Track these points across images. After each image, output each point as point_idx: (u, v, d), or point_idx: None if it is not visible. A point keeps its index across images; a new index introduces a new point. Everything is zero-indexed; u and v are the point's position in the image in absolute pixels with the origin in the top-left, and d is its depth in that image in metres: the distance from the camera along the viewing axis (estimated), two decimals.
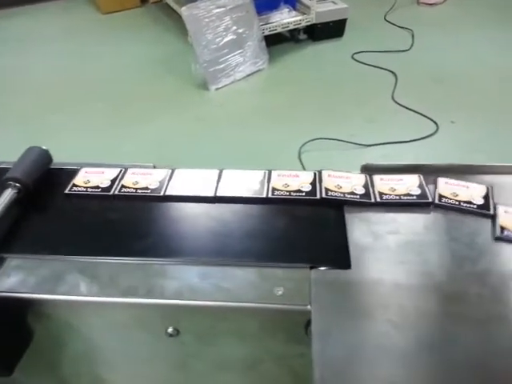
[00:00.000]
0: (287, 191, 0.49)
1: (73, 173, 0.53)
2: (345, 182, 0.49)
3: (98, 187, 0.50)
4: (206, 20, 2.10)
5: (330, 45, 2.42)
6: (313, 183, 0.50)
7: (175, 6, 2.53)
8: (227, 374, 0.45)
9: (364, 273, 0.40)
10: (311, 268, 0.40)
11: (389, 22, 2.56)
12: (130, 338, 0.42)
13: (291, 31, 2.43)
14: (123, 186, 0.50)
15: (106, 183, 0.51)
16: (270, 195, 0.49)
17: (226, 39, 2.16)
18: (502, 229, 0.42)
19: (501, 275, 0.38)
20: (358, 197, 0.47)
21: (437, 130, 1.79)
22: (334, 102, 2.03)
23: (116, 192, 0.50)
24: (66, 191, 0.50)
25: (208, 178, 0.52)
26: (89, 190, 0.50)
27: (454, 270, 0.39)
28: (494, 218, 0.44)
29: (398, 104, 1.94)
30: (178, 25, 2.11)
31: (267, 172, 0.53)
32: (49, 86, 2.23)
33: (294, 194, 0.49)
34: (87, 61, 2.43)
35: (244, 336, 0.41)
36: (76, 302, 0.38)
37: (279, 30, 2.31)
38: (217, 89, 2.17)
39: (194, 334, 0.41)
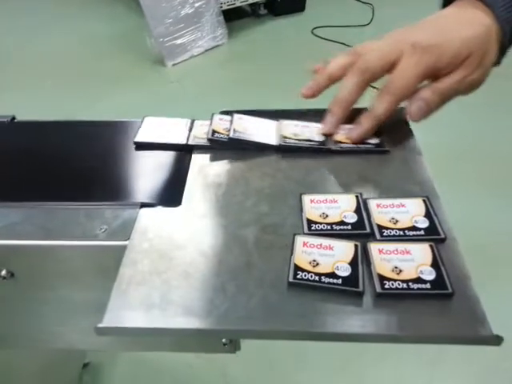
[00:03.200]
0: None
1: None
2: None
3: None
4: None
5: (290, 20, 2.40)
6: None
7: None
8: (79, 320, 0.45)
9: (191, 209, 0.40)
10: (141, 207, 0.40)
11: None
12: None
13: (252, 6, 2.40)
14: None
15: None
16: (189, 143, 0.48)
17: (181, 13, 2.13)
18: None
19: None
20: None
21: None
22: (293, 76, 2.01)
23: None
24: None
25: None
26: None
27: (276, 205, 0.40)
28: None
29: None
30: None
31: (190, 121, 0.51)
32: None
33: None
34: (38, 38, 2.37)
35: (78, 277, 0.41)
36: None
37: (238, 3, 2.28)
38: (174, 64, 2.14)
39: (28, 277, 0.41)
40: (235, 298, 0.33)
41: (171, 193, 0.42)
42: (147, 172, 0.45)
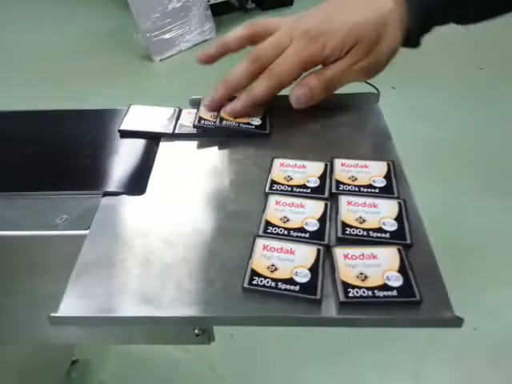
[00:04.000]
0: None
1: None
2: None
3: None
4: None
5: (278, 14, 2.38)
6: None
7: None
8: (43, 313, 0.44)
9: (155, 198, 0.39)
10: (104, 195, 0.39)
11: None
12: None
13: (239, 0, 2.39)
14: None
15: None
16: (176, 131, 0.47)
17: (169, 7, 2.11)
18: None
19: None
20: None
21: (378, 95, 1.79)
22: None
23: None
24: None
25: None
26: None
27: (243, 192, 0.39)
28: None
29: None
30: None
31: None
32: None
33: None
34: (26, 35, 2.34)
35: (40, 268, 0.40)
36: None
37: None
38: (161, 59, 2.12)
39: None
40: (197, 286, 0.32)
41: (136, 181, 0.41)
42: (114, 160, 0.44)
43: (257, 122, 0.46)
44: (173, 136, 0.47)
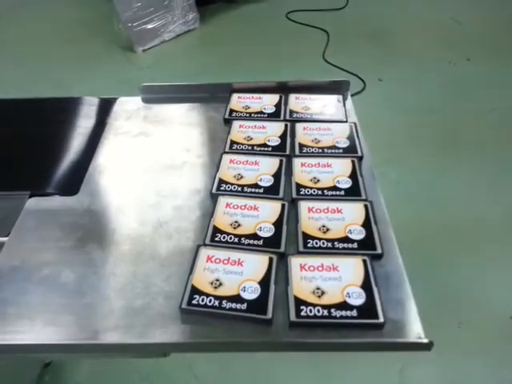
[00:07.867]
0: None
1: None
2: None
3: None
4: None
5: (264, 4, 2.33)
6: None
7: None
8: None
9: (88, 199, 0.34)
10: (31, 196, 0.34)
11: None
12: None
13: None
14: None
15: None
16: None
17: None
18: None
19: None
20: None
21: (364, 87, 1.75)
22: (266, 61, 1.95)
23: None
24: None
25: None
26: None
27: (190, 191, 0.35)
28: None
29: (328, 63, 1.88)
30: None
31: None
32: None
33: None
34: (5, 22, 2.26)
35: None
36: None
37: None
38: (144, 50, 2.06)
39: None
40: (125, 305, 0.27)
41: (70, 179, 0.36)
42: (51, 155, 0.39)
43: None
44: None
